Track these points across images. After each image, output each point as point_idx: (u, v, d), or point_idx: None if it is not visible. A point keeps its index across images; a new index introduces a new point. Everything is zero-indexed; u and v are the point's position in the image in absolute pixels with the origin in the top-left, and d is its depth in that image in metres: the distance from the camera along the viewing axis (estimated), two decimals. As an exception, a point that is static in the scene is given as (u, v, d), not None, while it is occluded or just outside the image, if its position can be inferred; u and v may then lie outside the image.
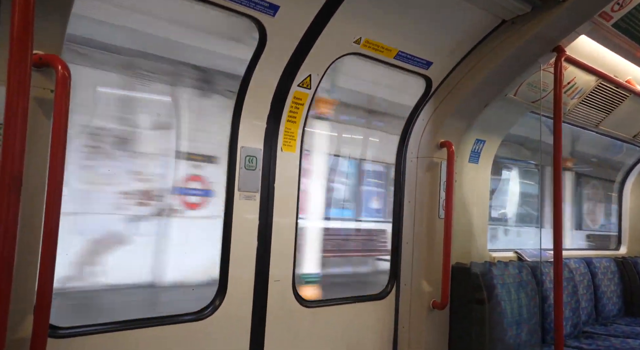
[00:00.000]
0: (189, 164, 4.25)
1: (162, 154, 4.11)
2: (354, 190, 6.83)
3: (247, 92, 2.65)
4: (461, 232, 3.66)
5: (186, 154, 4.20)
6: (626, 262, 5.26)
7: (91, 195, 3.69)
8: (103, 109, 3.68)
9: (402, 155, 3.55)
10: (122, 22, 2.95)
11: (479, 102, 3.45)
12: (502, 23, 3.14)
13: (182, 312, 2.50)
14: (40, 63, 1.77)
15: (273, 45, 2.56)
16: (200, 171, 4.27)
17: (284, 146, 2.85)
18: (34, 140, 1.78)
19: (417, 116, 3.50)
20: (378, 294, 3.44)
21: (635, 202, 5.98)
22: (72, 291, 3.59)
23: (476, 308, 3.41)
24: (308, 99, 2.88)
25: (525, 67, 3.27)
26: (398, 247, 3.51)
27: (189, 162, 4.25)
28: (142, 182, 3.87)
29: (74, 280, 3.65)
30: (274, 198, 2.80)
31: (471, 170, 3.80)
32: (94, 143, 3.54)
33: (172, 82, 3.85)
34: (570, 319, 4.15)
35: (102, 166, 3.71)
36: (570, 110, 4.08)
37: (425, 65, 3.22)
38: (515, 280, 3.68)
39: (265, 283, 2.76)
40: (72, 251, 3.49)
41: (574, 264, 4.57)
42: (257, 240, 2.73)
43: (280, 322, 2.82)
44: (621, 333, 4.30)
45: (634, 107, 4.50)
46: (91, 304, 3.61)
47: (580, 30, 3.14)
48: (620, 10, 3.07)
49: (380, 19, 2.81)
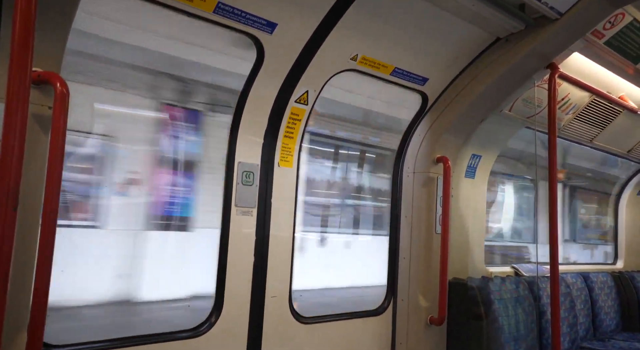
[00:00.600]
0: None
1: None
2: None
3: (244, 107, 2.67)
4: (458, 247, 3.66)
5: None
6: (623, 277, 5.26)
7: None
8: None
9: (399, 170, 3.57)
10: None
11: (474, 117, 3.48)
12: (497, 40, 3.19)
13: (177, 330, 2.48)
14: (39, 80, 1.78)
15: (270, 62, 2.59)
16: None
17: (281, 161, 2.86)
18: (31, 157, 1.78)
19: (414, 131, 3.52)
20: (375, 309, 3.42)
21: (630, 216, 6.00)
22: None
23: (474, 323, 3.39)
24: (305, 115, 2.90)
25: (519, 83, 3.31)
26: (395, 262, 3.50)
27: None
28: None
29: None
30: (270, 213, 2.80)
31: (467, 185, 3.82)
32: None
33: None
34: (567, 334, 4.13)
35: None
36: (565, 125, 4.12)
37: (421, 82, 3.26)
38: (513, 296, 3.67)
39: (262, 299, 2.74)
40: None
41: (571, 278, 4.56)
42: (253, 255, 2.72)
43: (277, 338, 2.79)
44: (619, 348, 4.28)
45: (628, 122, 4.55)
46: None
47: (574, 47, 3.20)
48: (612, 28, 3.12)
49: (376, 36, 2.85)
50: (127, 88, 4.20)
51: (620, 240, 5.95)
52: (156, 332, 2.41)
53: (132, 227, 5.02)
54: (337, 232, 7.30)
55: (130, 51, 3.49)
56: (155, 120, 4.80)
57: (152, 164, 5.10)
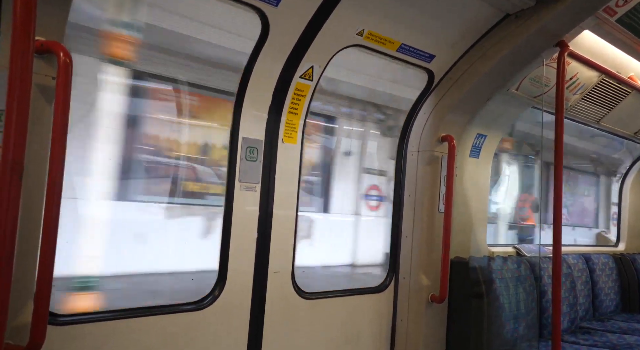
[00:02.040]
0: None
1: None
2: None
3: (248, 82, 2.64)
4: (461, 226, 3.66)
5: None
6: (624, 259, 5.28)
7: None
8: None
9: (403, 149, 3.55)
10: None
11: (481, 96, 3.44)
12: (506, 17, 3.12)
13: (182, 302, 2.51)
14: (42, 49, 1.76)
15: (275, 36, 2.55)
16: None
17: (285, 138, 2.85)
18: (35, 127, 1.78)
19: (419, 110, 3.49)
20: (377, 287, 3.45)
21: (634, 199, 5.98)
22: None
23: (474, 302, 3.42)
24: (310, 91, 2.87)
25: (528, 61, 3.26)
26: (397, 240, 3.51)
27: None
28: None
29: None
30: (274, 189, 2.80)
31: (472, 164, 3.80)
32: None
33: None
34: (567, 314, 4.17)
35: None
36: (572, 105, 4.08)
37: (427, 59, 3.21)
38: (514, 275, 3.70)
39: (265, 274, 2.76)
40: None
41: (573, 259, 4.58)
42: (257, 231, 2.73)
43: (279, 313, 2.82)
44: (618, 329, 4.32)
45: (636, 103, 4.49)
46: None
47: (584, 25, 3.13)
48: (625, 5, 3.05)
49: (383, 11, 2.80)
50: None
51: (623, 222, 5.95)
52: (160, 304, 2.44)
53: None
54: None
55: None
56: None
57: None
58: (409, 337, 3.39)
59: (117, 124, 4.40)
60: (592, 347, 3.68)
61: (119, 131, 4.43)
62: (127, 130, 4.84)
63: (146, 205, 5.48)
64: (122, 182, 5.02)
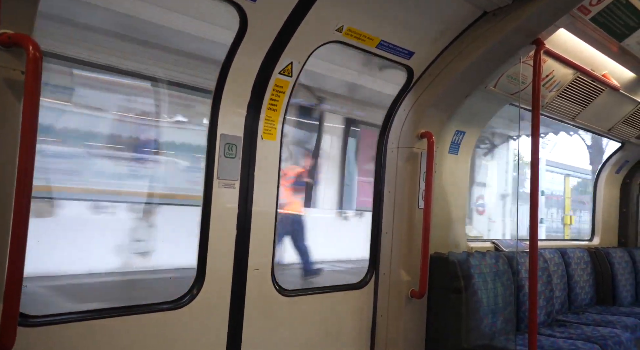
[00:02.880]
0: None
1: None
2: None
3: (227, 78, 2.61)
4: (440, 222, 3.70)
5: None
6: (599, 253, 5.40)
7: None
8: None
9: (383, 145, 3.56)
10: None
11: (459, 93, 3.47)
12: (484, 14, 3.15)
13: (158, 301, 2.47)
14: (10, 42, 1.71)
15: (254, 32, 2.52)
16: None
17: (264, 134, 2.83)
18: (3, 123, 1.72)
19: (399, 106, 3.50)
20: (357, 283, 3.46)
21: (608, 195, 6.13)
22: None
23: (454, 297, 3.45)
24: (289, 87, 2.85)
25: (505, 58, 3.29)
26: (377, 236, 3.53)
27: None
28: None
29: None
30: (254, 186, 2.78)
31: (451, 161, 3.83)
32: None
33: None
34: (544, 307, 4.25)
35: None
36: (548, 102, 4.14)
37: (407, 55, 3.22)
38: (492, 270, 3.75)
39: (244, 271, 2.74)
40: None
41: (549, 254, 4.67)
42: (236, 228, 2.71)
43: (259, 310, 2.81)
44: (592, 321, 4.43)
45: (610, 101, 4.59)
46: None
47: (560, 23, 3.18)
48: (598, 4, 3.11)
49: (362, 8, 2.79)
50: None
51: (597, 217, 6.09)
52: (137, 304, 2.40)
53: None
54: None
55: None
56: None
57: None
58: (389, 332, 3.41)
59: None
60: (568, 340, 3.76)
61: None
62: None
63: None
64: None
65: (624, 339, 3.93)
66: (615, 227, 6.20)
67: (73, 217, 5.21)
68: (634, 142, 5.70)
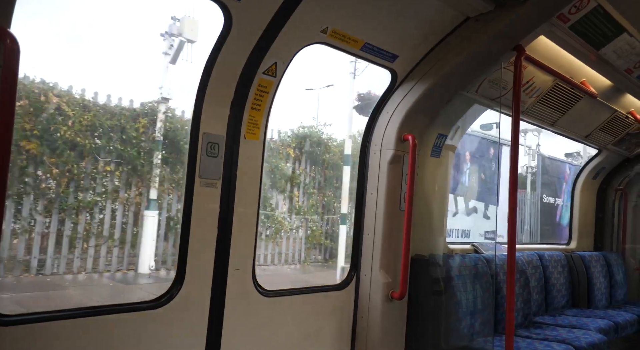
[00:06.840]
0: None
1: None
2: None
3: (210, 76, 2.60)
4: (421, 224, 3.73)
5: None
6: (575, 256, 5.52)
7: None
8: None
9: (366, 147, 3.58)
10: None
11: (441, 97, 3.52)
12: (466, 20, 3.20)
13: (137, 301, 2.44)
14: None
15: (238, 30, 2.52)
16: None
17: (247, 134, 2.82)
18: None
19: (382, 109, 3.53)
20: (338, 284, 3.47)
21: (584, 200, 6.26)
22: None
23: (433, 299, 3.49)
24: (273, 87, 2.85)
25: (486, 64, 3.35)
26: (359, 238, 3.54)
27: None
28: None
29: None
30: (235, 186, 2.77)
31: (433, 164, 3.87)
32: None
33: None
34: (521, 309, 4.32)
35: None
36: (529, 108, 4.22)
37: (391, 58, 3.25)
38: (472, 272, 3.80)
39: (225, 271, 2.72)
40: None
41: (527, 257, 4.75)
42: (217, 228, 2.69)
43: (239, 310, 2.79)
44: (568, 323, 4.52)
45: (588, 108, 4.70)
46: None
47: (540, 30, 3.25)
48: (577, 13, 3.18)
49: (348, 10, 2.81)
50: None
51: (574, 222, 6.22)
52: (115, 303, 2.37)
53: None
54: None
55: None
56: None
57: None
58: (369, 333, 3.42)
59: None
60: (543, 341, 3.83)
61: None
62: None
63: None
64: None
65: (597, 341, 4.02)
66: (591, 231, 6.34)
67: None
68: (610, 149, 5.84)
